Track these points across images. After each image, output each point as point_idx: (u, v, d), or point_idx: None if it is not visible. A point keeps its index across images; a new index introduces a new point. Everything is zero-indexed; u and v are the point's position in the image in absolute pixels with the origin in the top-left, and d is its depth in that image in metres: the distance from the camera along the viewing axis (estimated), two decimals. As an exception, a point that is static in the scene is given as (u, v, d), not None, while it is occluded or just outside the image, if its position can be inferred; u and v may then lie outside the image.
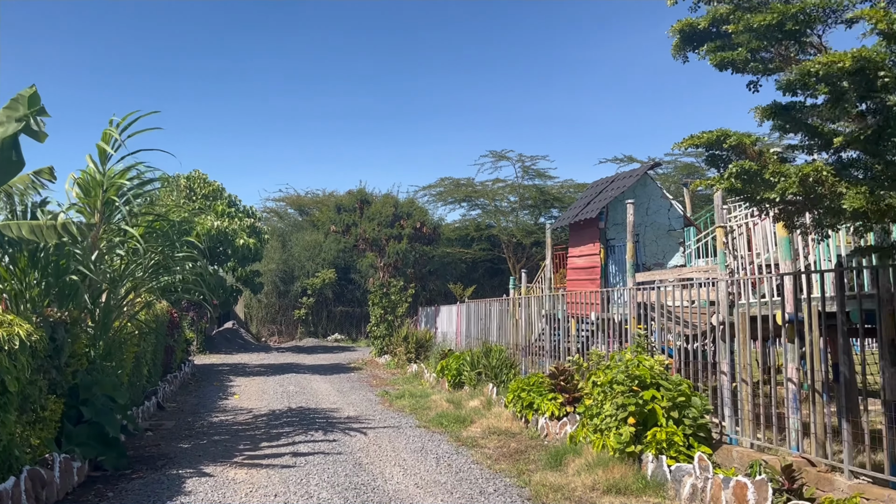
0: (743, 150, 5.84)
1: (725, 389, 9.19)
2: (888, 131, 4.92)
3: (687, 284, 10.86)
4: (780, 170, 5.53)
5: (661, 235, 16.02)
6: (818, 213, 6.02)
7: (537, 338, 15.67)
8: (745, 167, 5.63)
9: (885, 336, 7.82)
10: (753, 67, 5.93)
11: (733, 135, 5.84)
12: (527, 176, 41.30)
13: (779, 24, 5.37)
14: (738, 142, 5.75)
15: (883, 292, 7.88)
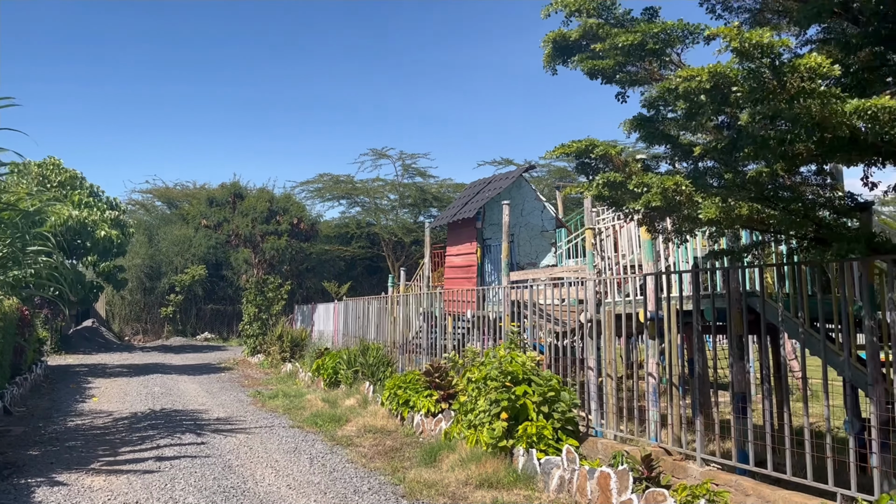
0: (609, 159, 6.12)
1: (592, 384, 9.61)
2: (740, 143, 5.30)
3: (558, 283, 11.26)
4: (643, 181, 5.83)
5: (534, 236, 16.55)
6: (677, 220, 6.41)
7: (415, 335, 15.76)
8: (611, 178, 5.90)
9: (734, 332, 8.45)
10: (621, 79, 6.23)
11: (600, 145, 6.11)
12: (407, 174, 41.49)
13: (641, 44, 5.67)
14: (604, 152, 6.02)
15: (733, 292, 8.51)
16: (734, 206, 5.49)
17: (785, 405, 7.51)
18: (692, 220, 5.94)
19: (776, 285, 7.65)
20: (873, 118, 4.36)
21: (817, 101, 4.43)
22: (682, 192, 5.63)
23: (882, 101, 4.20)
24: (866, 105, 4.26)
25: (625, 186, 5.78)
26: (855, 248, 5.64)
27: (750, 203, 5.56)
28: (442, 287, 17.16)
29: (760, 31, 4.19)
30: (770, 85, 4.45)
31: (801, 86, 4.36)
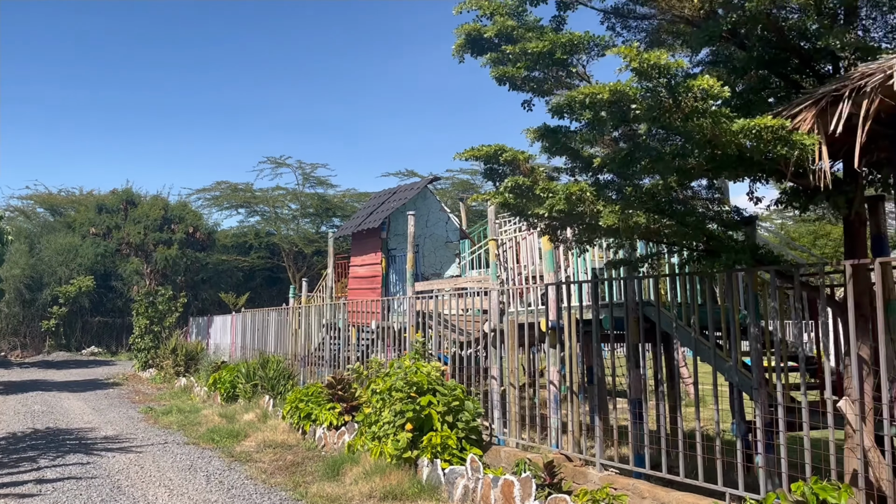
0: (517, 165, 6.24)
1: (495, 393, 9.74)
2: (637, 156, 5.52)
3: (462, 294, 11.36)
4: (549, 187, 5.97)
5: (439, 247, 16.65)
6: (579, 229, 6.60)
7: (317, 347, 15.48)
8: (519, 182, 6.01)
9: (631, 340, 8.76)
10: (529, 87, 6.37)
11: (509, 150, 6.22)
12: (308, 184, 40.86)
13: (549, 52, 5.83)
14: (512, 157, 6.13)
15: (630, 301, 8.83)
16: (632, 215, 5.70)
17: (678, 410, 7.86)
18: (593, 228, 6.13)
19: (669, 295, 8.00)
20: (758, 137, 4.64)
21: (709, 119, 4.67)
22: (585, 199, 5.79)
23: (765, 121, 4.47)
24: (751, 124, 4.53)
25: (531, 192, 5.89)
26: (742, 258, 5.97)
27: (647, 213, 5.79)
28: (346, 298, 16.97)
29: (658, 53, 4.39)
30: (666, 104, 4.66)
31: (695, 105, 4.59)
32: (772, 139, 4.54)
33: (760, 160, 5.30)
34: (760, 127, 4.44)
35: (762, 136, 4.56)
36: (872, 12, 5.38)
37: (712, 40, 5.55)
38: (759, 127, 4.44)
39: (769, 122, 4.43)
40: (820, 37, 4.98)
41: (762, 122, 4.43)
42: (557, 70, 6.24)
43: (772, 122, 4.43)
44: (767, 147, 4.68)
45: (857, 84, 4.52)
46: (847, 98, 4.59)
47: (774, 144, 4.58)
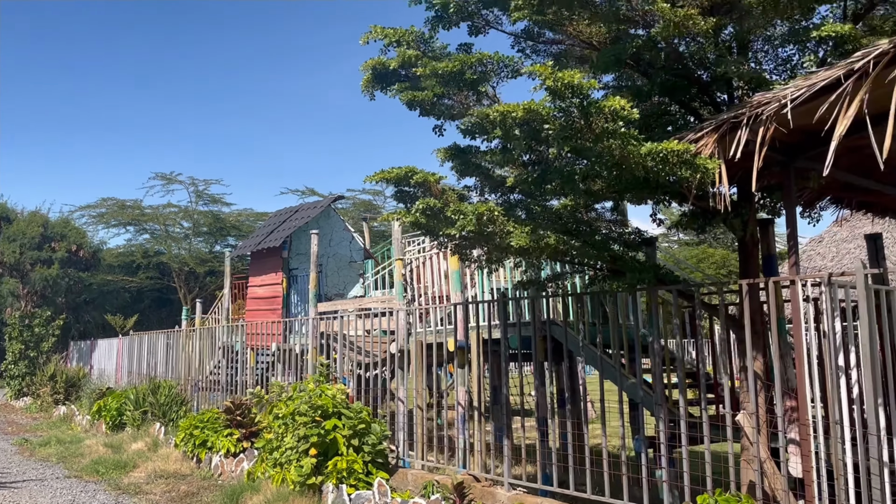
0: (428, 187, 6.20)
1: (401, 415, 9.60)
2: (549, 177, 5.61)
3: (367, 314, 11.19)
4: (459, 208, 5.97)
5: (342, 266, 16.39)
6: (489, 249, 6.62)
7: (212, 371, 14.84)
8: (430, 204, 5.97)
9: (537, 359, 8.86)
10: (438, 111, 6.37)
11: (419, 172, 6.18)
12: (202, 201, 39.38)
13: (460, 72, 5.85)
14: (423, 179, 6.09)
15: (536, 321, 8.94)
16: (542, 235, 5.77)
17: (583, 427, 7.99)
18: (503, 248, 6.17)
19: (573, 314, 8.15)
20: (664, 160, 4.80)
21: (618, 141, 4.80)
22: (495, 220, 5.82)
23: (672, 145, 4.64)
24: (659, 148, 4.68)
25: (442, 213, 5.87)
26: (645, 277, 6.16)
27: (556, 234, 5.88)
28: (244, 319, 16.38)
29: (572, 73, 4.47)
30: (578, 124, 4.75)
31: (605, 126, 4.70)
32: (677, 162, 4.71)
33: (664, 183, 5.50)
34: (667, 150, 4.59)
35: (668, 160, 4.72)
36: (764, 46, 5.72)
37: (617, 65, 5.73)
38: (666, 150, 4.59)
39: (675, 146, 4.60)
40: (718, 65, 5.23)
41: (669, 146, 4.59)
42: (467, 93, 6.28)
43: (678, 146, 4.60)
44: (673, 170, 4.85)
45: (755, 112, 4.76)
46: (745, 125, 4.83)
47: (679, 167, 4.75)
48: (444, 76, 6.00)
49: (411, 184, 6.21)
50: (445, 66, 5.76)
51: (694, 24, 4.98)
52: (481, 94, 6.20)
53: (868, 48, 4.30)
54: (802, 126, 5.13)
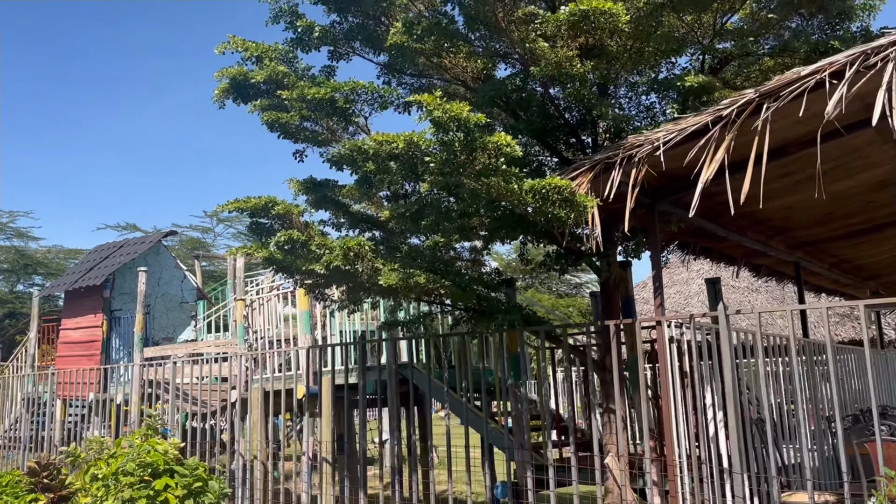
0: (290, 219, 5.75)
1: (240, 470, 8.81)
2: (425, 212, 5.37)
3: (202, 360, 10.27)
4: (325, 242, 5.57)
5: (172, 308, 15.10)
6: (354, 287, 6.24)
7: (11, 426, 12.98)
8: (293, 237, 5.52)
9: (391, 404, 8.50)
10: (303, 136, 5.96)
11: (281, 203, 5.72)
12: (3, 235, 35.36)
13: (331, 100, 5.51)
14: (285, 211, 5.63)
15: (391, 364, 8.60)
16: (412, 273, 5.50)
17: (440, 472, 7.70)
18: (369, 287, 5.83)
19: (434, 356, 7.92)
20: (544, 197, 4.72)
21: (500, 178, 4.66)
22: (364, 256, 5.48)
23: (556, 181, 4.57)
24: (542, 184, 4.60)
25: (306, 247, 5.43)
26: (515, 318, 6.06)
27: (426, 273, 5.63)
28: (54, 366, 14.57)
29: (461, 105, 4.29)
30: (460, 159, 4.57)
31: (488, 163, 4.55)
32: (557, 200, 4.64)
33: (538, 222, 5.45)
34: (550, 187, 4.51)
35: (548, 197, 4.65)
36: (628, 93, 5.91)
37: (492, 103, 5.67)
38: (549, 187, 4.51)
39: (559, 181, 4.53)
40: (593, 108, 5.30)
41: (553, 182, 4.51)
42: (336, 120, 5.94)
43: (562, 182, 4.54)
44: (552, 208, 4.78)
45: (628, 153, 4.83)
46: (619, 165, 4.89)
47: (559, 205, 4.69)
48: (313, 102, 5.62)
49: (271, 215, 5.72)
50: (316, 91, 5.40)
51: (571, 66, 5.00)
52: (351, 122, 5.88)
53: (735, 97, 4.50)
54: (667, 171, 5.30)
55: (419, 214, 5.40)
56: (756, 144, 4.35)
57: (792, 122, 4.50)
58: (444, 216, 5.20)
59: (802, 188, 5.82)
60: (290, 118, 5.86)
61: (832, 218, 6.87)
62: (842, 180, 5.76)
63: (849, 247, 8.18)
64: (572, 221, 4.92)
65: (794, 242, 7.75)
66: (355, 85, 5.49)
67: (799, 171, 5.41)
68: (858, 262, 9.07)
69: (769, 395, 6.51)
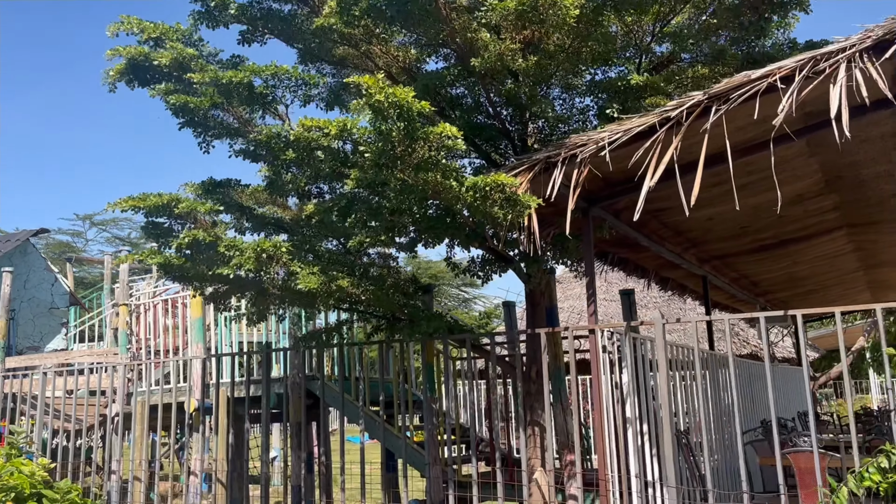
0: (194, 218, 5.16)
1: (115, 491, 7.96)
2: (354, 208, 4.94)
3: (75, 371, 9.26)
4: (235, 244, 5.02)
5: (41, 314, 13.69)
6: (267, 294, 5.70)
7: None
8: (198, 238, 4.94)
9: (293, 419, 7.93)
10: (213, 125, 5.38)
11: (185, 201, 5.12)
12: None
13: (249, 85, 4.99)
14: (190, 209, 5.04)
15: (294, 376, 8.04)
16: (334, 276, 5.05)
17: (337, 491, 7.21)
18: (276, 296, 5.34)
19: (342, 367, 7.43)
20: (484, 196, 4.42)
21: (438, 173, 4.33)
22: (279, 258, 4.98)
23: (499, 178, 4.28)
24: (484, 181, 4.30)
25: (213, 249, 4.87)
26: (440, 326, 5.71)
27: (350, 277, 5.20)
28: None
29: (405, 90, 3.92)
30: (398, 150, 4.20)
31: (430, 155, 4.21)
32: (498, 199, 4.35)
33: (468, 224, 5.14)
34: (493, 185, 4.21)
35: (489, 195, 4.35)
36: (562, 94, 5.73)
37: (427, 95, 5.31)
38: (492, 185, 4.21)
39: (504, 179, 4.24)
40: (533, 105, 5.07)
41: (497, 179, 4.21)
42: (252, 109, 5.40)
43: (507, 179, 4.25)
44: (491, 207, 4.50)
45: (571, 153, 4.62)
46: (561, 165, 4.67)
47: (500, 205, 4.40)
48: (230, 85, 5.06)
49: (174, 214, 5.10)
50: (234, 75, 4.85)
51: (514, 60, 4.75)
52: (269, 111, 5.37)
53: (683, 98, 4.39)
54: (603, 175, 5.14)
55: (347, 209, 4.95)
56: (705, 147, 4.25)
57: (735, 127, 4.43)
58: (374, 213, 4.79)
59: (727, 199, 5.84)
60: (199, 103, 5.26)
61: (746, 232, 6.99)
62: (765, 192, 5.82)
63: (753, 262, 8.42)
64: (508, 223, 4.66)
65: (705, 256, 7.88)
66: (277, 69, 4.99)
67: (728, 182, 5.38)
68: (756, 278, 9.39)
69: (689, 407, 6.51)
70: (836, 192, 6.12)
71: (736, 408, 4.86)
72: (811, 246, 7.91)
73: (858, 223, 7.23)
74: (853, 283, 10.95)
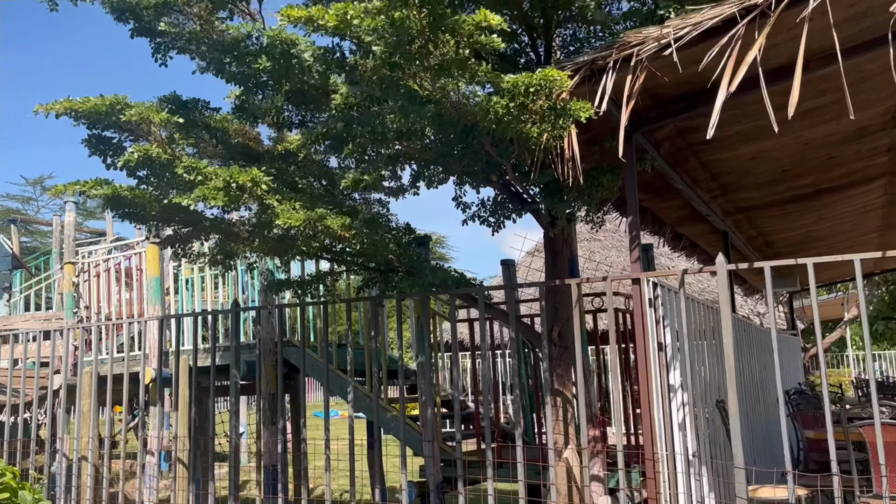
0: (148, 131, 4.10)
1: (60, 473, 6.94)
2: (353, 130, 3.92)
3: (14, 338, 8.14)
4: (198, 166, 4.00)
5: (-22, 277, 12.41)
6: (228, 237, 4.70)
7: None
8: (152, 154, 3.91)
9: (266, 391, 6.98)
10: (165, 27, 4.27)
11: (136, 106, 4.07)
12: None
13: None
14: (141, 117, 3.99)
15: (265, 342, 7.07)
16: (322, 214, 4.07)
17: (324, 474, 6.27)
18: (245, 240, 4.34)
19: (320, 329, 6.47)
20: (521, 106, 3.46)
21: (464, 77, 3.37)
22: (255, 191, 3.98)
23: (551, 73, 3.31)
24: (530, 79, 3.33)
25: (170, 170, 3.86)
26: (446, 277, 4.78)
27: (341, 215, 4.22)
28: None
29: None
30: (416, 46, 3.21)
31: (455, 53, 3.23)
32: (541, 108, 3.40)
33: (491, 150, 4.18)
34: (541, 83, 3.25)
35: (528, 104, 3.40)
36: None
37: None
38: (540, 83, 3.25)
39: (555, 74, 3.28)
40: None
41: (548, 75, 3.25)
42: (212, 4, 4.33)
43: (560, 75, 3.30)
44: (524, 124, 3.55)
45: (626, 53, 3.68)
46: (612, 69, 3.73)
47: (540, 118, 3.46)
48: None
49: (120, 123, 4.05)
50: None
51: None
52: (237, 7, 4.31)
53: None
54: (653, 90, 4.23)
55: (345, 136, 3.93)
56: (804, 43, 3.34)
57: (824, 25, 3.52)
58: (378, 138, 3.80)
59: (785, 129, 4.98)
60: (147, 1, 4.18)
61: (786, 176, 6.16)
62: (827, 122, 4.98)
63: (779, 216, 7.62)
64: (543, 144, 3.72)
65: (731, 207, 7.04)
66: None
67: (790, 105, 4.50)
68: (773, 237, 8.63)
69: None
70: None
71: (777, 373, 4.00)
72: (846, 198, 7.13)
73: (904, 170, 6.46)
74: (863, 248, 10.29)
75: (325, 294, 5.30)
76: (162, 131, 4.15)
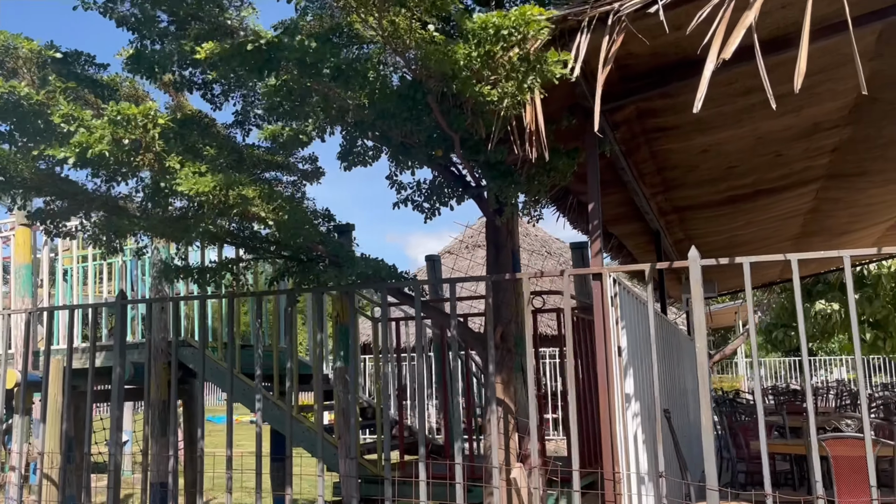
0: (15, 70, 3.27)
1: None
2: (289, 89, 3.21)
3: None
4: (78, 114, 3.21)
5: None
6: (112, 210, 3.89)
7: None
8: (20, 93, 3.09)
9: (157, 397, 6.14)
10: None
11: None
12: None
13: None
14: (5, 46, 3.16)
15: (158, 341, 6.23)
16: (236, 179, 3.36)
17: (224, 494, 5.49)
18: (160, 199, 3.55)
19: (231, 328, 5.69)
20: (486, 61, 2.90)
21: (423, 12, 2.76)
22: (151, 147, 3.22)
23: (529, 10, 2.75)
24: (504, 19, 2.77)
25: (46, 116, 3.07)
26: (378, 268, 4.15)
27: (259, 185, 3.52)
28: None
29: None
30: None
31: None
32: (513, 60, 2.84)
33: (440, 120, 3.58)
34: (517, 23, 2.69)
35: (498, 55, 2.83)
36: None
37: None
38: (517, 23, 2.68)
39: (535, 11, 2.72)
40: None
41: (526, 14, 2.69)
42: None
43: (540, 11, 2.74)
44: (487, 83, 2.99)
45: (601, 9, 3.18)
46: (586, 29, 3.22)
47: (509, 74, 2.90)
48: None
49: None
50: None
51: None
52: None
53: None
54: (623, 62, 3.77)
55: (283, 94, 3.20)
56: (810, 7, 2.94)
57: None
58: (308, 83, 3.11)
59: (744, 118, 4.66)
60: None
61: (730, 174, 5.89)
62: (785, 115, 4.68)
63: (711, 218, 7.42)
64: (503, 110, 3.17)
65: (667, 206, 6.74)
66: None
67: (757, 92, 4.16)
68: (699, 241, 8.45)
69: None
70: (854, 123, 5.09)
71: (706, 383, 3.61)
72: (779, 201, 6.99)
73: (840, 174, 6.35)
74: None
75: (232, 286, 4.54)
76: (35, 72, 3.32)
